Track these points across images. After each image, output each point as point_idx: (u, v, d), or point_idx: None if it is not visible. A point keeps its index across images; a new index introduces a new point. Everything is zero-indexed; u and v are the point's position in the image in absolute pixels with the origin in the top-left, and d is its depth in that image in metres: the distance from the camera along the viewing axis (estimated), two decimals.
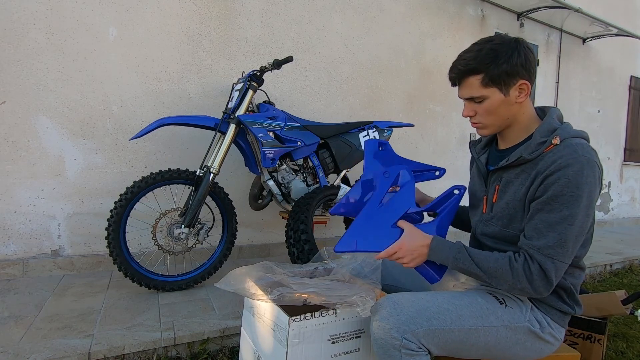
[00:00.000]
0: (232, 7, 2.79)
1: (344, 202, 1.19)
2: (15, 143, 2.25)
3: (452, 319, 1.00)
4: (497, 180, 1.13)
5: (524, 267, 0.98)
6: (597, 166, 0.97)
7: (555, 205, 0.96)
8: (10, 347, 1.45)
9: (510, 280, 0.99)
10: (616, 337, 2.05)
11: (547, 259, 0.96)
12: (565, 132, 1.01)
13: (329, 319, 1.03)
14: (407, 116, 3.70)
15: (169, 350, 1.59)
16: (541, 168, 0.99)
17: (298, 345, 0.99)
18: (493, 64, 1.01)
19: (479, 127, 1.11)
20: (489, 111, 1.06)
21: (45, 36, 2.27)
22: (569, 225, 0.95)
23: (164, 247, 2.08)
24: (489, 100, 1.05)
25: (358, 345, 1.09)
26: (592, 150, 0.99)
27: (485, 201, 1.18)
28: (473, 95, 1.06)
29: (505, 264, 1.00)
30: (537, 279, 0.97)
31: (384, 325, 0.97)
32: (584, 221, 0.97)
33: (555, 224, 0.96)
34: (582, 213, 0.95)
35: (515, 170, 1.07)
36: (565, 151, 0.97)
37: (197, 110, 2.70)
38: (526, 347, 1.06)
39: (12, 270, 2.25)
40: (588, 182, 0.94)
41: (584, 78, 5.28)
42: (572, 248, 0.97)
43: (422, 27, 3.76)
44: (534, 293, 0.99)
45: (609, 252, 3.82)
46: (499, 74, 1.01)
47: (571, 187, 0.94)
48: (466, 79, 1.06)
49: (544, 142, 1.01)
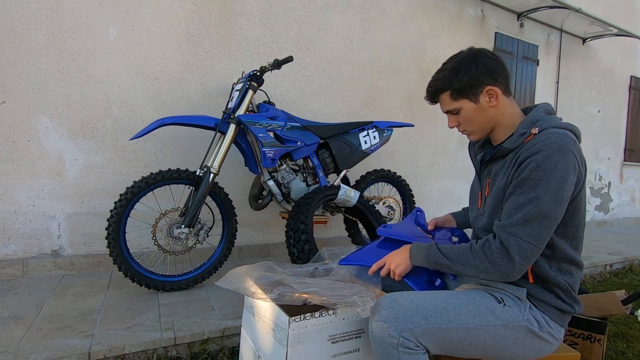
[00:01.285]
0: (232, 7, 2.79)
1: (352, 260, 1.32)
2: (15, 143, 2.25)
3: (450, 318, 1.01)
4: (488, 174, 1.20)
5: (484, 247, 1.03)
6: (570, 153, 0.98)
7: (524, 188, 1.00)
8: (10, 347, 1.45)
9: (472, 262, 1.03)
10: (616, 337, 2.05)
11: (510, 236, 0.99)
12: (545, 123, 1.06)
13: (329, 319, 1.03)
14: (407, 116, 3.70)
15: (169, 350, 1.59)
16: (519, 156, 1.04)
17: (298, 345, 0.99)
18: (455, 79, 1.11)
19: (467, 134, 1.21)
20: (467, 119, 1.15)
21: (45, 36, 2.27)
22: (534, 207, 0.98)
23: (164, 247, 2.08)
24: (464, 111, 1.14)
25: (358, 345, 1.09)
26: (569, 140, 1.00)
27: (480, 196, 1.23)
28: (448, 109, 1.17)
29: (467, 247, 1.06)
30: (498, 257, 1.00)
31: (381, 324, 0.98)
32: (553, 205, 0.97)
33: (521, 205, 1.00)
34: (549, 197, 0.97)
35: (500, 162, 1.13)
36: (540, 139, 1.01)
37: (197, 110, 2.70)
38: (525, 347, 1.06)
39: (12, 270, 2.25)
40: (558, 168, 0.97)
41: (584, 78, 5.28)
42: (539, 230, 0.98)
43: (422, 27, 3.76)
44: (498, 273, 1.00)
45: (609, 252, 3.82)
46: (462, 87, 1.11)
47: (539, 170, 0.98)
48: (439, 97, 1.17)
49: (525, 132, 1.07)
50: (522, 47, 4.54)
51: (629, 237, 4.88)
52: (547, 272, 1.07)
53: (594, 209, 5.58)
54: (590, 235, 4.79)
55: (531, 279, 1.08)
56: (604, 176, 5.67)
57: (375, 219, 2.46)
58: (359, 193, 2.43)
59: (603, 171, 5.65)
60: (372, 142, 2.69)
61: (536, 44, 4.68)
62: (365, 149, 2.65)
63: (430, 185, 3.97)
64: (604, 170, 5.67)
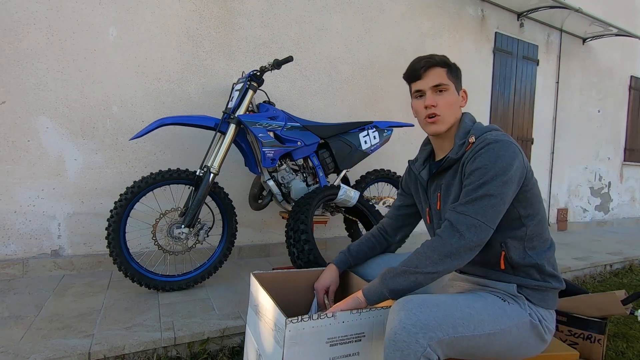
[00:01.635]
0: (232, 7, 2.79)
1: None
2: (15, 143, 2.25)
3: (475, 325, 0.97)
4: (437, 189, 1.21)
5: (432, 240, 1.06)
6: (509, 143, 1.06)
7: (472, 179, 1.06)
8: (10, 347, 1.45)
9: (425, 253, 1.04)
10: (616, 337, 2.05)
11: (458, 215, 1.04)
12: (477, 130, 1.14)
13: (328, 322, 1.02)
14: (407, 116, 3.70)
15: (169, 350, 1.59)
16: (463, 160, 1.10)
17: (295, 347, 0.99)
18: (452, 64, 1.19)
19: (436, 121, 1.17)
20: (448, 103, 1.17)
21: (45, 36, 2.27)
22: (482, 190, 1.02)
23: (164, 247, 2.08)
24: (448, 93, 1.17)
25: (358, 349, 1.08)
26: (501, 134, 1.09)
27: (428, 213, 1.26)
28: (442, 81, 1.16)
29: (415, 250, 1.08)
30: (446, 234, 1.03)
31: (410, 328, 0.90)
32: (499, 187, 1.02)
33: (470, 191, 1.05)
34: (497, 181, 1.02)
35: (450, 173, 1.16)
36: (478, 142, 1.09)
37: (197, 110, 2.70)
38: (529, 345, 1.07)
39: (12, 270, 2.25)
40: (501, 156, 1.03)
41: (584, 78, 5.28)
42: (486, 208, 1.02)
43: (422, 27, 3.76)
44: (448, 251, 1.01)
45: (609, 252, 3.81)
46: (456, 72, 1.20)
47: (484, 161, 1.04)
48: (434, 69, 1.17)
49: (463, 142, 1.14)
50: (522, 47, 4.54)
51: (629, 237, 4.88)
52: (521, 255, 1.09)
53: (594, 209, 5.58)
54: (590, 235, 4.79)
55: (502, 265, 1.11)
56: (604, 176, 5.67)
57: (375, 219, 2.46)
58: (359, 193, 2.43)
59: (603, 171, 5.65)
60: (372, 142, 2.69)
61: (536, 44, 4.68)
62: (365, 149, 2.66)
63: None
64: (604, 170, 5.67)
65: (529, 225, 1.10)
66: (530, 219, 1.10)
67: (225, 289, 2.18)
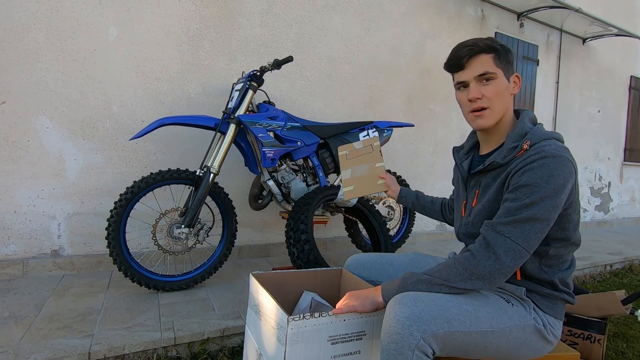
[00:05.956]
0: (232, 7, 2.79)
1: None
2: (15, 143, 2.25)
3: (472, 321, 0.96)
4: (476, 185, 1.15)
5: (464, 255, 0.98)
6: (567, 160, 0.96)
7: (518, 194, 0.96)
8: (10, 347, 1.45)
9: (455, 267, 0.97)
10: (616, 337, 2.05)
11: (498, 235, 0.95)
12: (535, 137, 1.02)
13: (329, 320, 1.03)
14: (407, 116, 3.71)
15: (169, 350, 1.59)
16: (511, 170, 1.01)
17: (297, 345, 0.99)
18: (500, 47, 1.06)
19: (482, 115, 1.07)
20: (497, 93, 1.05)
21: (45, 36, 2.27)
22: (528, 211, 0.94)
23: (164, 247, 2.08)
24: (496, 82, 1.05)
25: (359, 348, 1.08)
26: (561, 147, 0.99)
27: (464, 206, 1.20)
28: (488, 70, 1.04)
29: (446, 260, 1.02)
30: (481, 255, 0.95)
31: (404, 321, 0.89)
32: (548, 211, 0.94)
33: (514, 210, 0.96)
34: (546, 203, 0.93)
35: (491, 174, 1.09)
36: (533, 152, 0.99)
37: (197, 110, 2.70)
38: (531, 347, 1.06)
39: (12, 270, 2.25)
40: (555, 176, 0.93)
41: (584, 78, 5.28)
42: (529, 233, 0.94)
43: (422, 27, 3.76)
44: (480, 273, 0.95)
45: (609, 252, 3.82)
46: (506, 56, 1.06)
47: (535, 178, 0.94)
48: (478, 56, 1.05)
49: (515, 146, 1.03)
50: (522, 47, 4.54)
51: (629, 237, 4.88)
52: (536, 270, 1.07)
53: (594, 209, 5.58)
54: (590, 235, 4.79)
55: (519, 277, 1.07)
56: (604, 176, 5.67)
57: (375, 219, 2.46)
58: None
59: (603, 171, 5.65)
60: None
61: (536, 44, 4.69)
62: None
63: (430, 185, 3.97)
64: (604, 170, 5.67)
65: (554, 246, 1.05)
66: (557, 242, 1.04)
67: (225, 289, 2.18)
